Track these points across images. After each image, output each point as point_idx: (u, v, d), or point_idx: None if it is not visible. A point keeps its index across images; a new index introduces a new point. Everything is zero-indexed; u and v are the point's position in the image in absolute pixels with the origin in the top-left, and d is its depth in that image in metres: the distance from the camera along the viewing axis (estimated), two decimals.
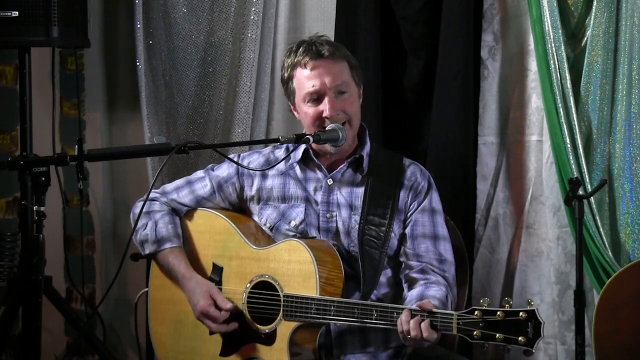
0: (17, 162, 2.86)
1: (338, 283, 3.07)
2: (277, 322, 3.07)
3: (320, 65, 3.19)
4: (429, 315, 2.84)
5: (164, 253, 3.29)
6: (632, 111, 3.57)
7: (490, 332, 2.74)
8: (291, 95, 3.26)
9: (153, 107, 4.42)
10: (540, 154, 3.76)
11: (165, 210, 3.34)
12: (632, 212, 3.57)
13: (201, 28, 4.37)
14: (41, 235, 2.84)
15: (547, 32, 3.62)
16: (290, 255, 3.10)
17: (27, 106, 4.25)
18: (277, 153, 3.34)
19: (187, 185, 3.38)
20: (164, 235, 3.29)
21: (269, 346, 3.09)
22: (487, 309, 2.75)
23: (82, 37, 4.26)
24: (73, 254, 4.69)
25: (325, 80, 3.18)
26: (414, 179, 3.25)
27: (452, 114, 3.84)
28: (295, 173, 3.28)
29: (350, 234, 3.19)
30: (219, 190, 3.34)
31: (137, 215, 3.23)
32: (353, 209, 3.21)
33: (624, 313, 3.40)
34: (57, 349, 4.71)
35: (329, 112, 3.16)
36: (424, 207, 3.23)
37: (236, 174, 3.34)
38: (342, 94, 3.20)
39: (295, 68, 3.22)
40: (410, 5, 3.91)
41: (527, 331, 2.71)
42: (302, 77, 3.20)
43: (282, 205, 3.26)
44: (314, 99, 3.18)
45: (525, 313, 2.71)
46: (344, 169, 3.25)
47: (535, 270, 3.79)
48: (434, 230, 3.22)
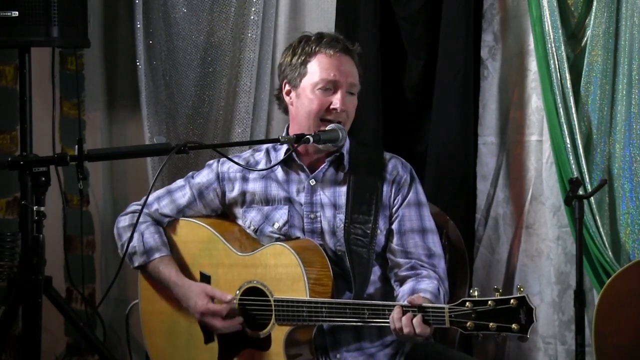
0: (17, 162, 2.86)
1: (327, 282, 3.06)
2: (271, 327, 3.06)
3: (345, 60, 3.19)
4: (420, 310, 2.84)
5: (153, 263, 3.26)
6: (632, 111, 3.57)
7: (483, 322, 2.74)
8: (298, 78, 3.21)
9: (153, 107, 4.41)
10: (540, 154, 3.77)
11: (149, 221, 3.32)
12: (632, 212, 3.58)
13: (201, 28, 4.37)
14: (41, 235, 2.84)
15: (547, 32, 3.62)
16: (276, 259, 3.08)
17: (27, 106, 4.25)
18: (257, 156, 3.32)
19: (167, 194, 3.36)
20: (152, 245, 3.27)
21: (266, 352, 3.07)
22: (478, 300, 2.75)
23: (82, 37, 4.25)
24: (73, 254, 4.69)
25: (346, 75, 3.17)
26: (395, 173, 3.23)
27: (452, 114, 3.84)
28: (276, 175, 3.26)
29: (336, 234, 3.17)
30: (199, 198, 3.32)
31: (121, 229, 3.28)
32: (337, 208, 3.19)
33: (624, 313, 3.40)
34: (57, 349, 4.71)
35: (339, 105, 3.14)
36: (409, 200, 3.21)
37: (216, 179, 3.32)
38: (351, 95, 3.20)
39: (316, 54, 3.18)
40: (410, 5, 3.91)
41: (519, 318, 2.71)
42: (324, 63, 3.17)
43: (266, 207, 3.24)
44: (326, 88, 3.16)
45: (516, 300, 2.71)
46: (325, 168, 3.23)
47: (535, 270, 3.79)
48: (422, 223, 3.20)
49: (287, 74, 3.25)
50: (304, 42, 3.24)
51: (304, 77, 3.19)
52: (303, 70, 3.20)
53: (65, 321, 4.59)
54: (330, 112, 3.16)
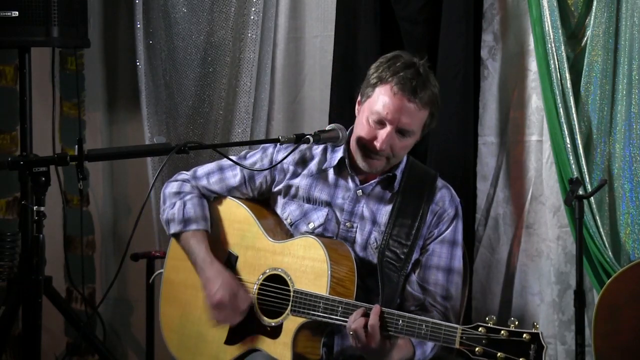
0: (17, 162, 2.85)
1: (349, 285, 3.05)
2: (285, 316, 3.07)
3: (404, 102, 3.07)
4: (433, 326, 2.83)
5: (187, 234, 3.26)
6: (632, 111, 3.57)
7: (492, 349, 2.73)
8: (364, 96, 3.14)
9: (153, 107, 4.42)
10: (540, 154, 3.77)
11: (196, 193, 3.32)
12: (632, 212, 3.58)
13: (201, 28, 4.37)
14: (41, 235, 2.84)
15: (547, 32, 3.63)
16: (305, 251, 3.09)
17: (27, 106, 4.26)
18: (315, 150, 3.29)
19: (218, 171, 3.34)
20: (191, 216, 3.27)
21: (274, 339, 3.09)
22: (492, 327, 2.74)
23: (82, 37, 4.26)
24: (73, 254, 4.69)
25: (399, 117, 3.07)
26: (441, 204, 3.19)
27: (452, 114, 3.84)
28: (327, 176, 3.24)
29: (366, 249, 3.16)
30: (249, 181, 3.31)
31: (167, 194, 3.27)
32: (375, 224, 3.18)
33: (624, 313, 3.40)
34: (57, 349, 4.71)
35: (379, 144, 3.08)
36: (445, 237, 3.17)
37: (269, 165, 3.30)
38: (403, 136, 3.11)
39: (386, 84, 3.09)
40: (410, 5, 3.92)
41: (528, 353, 2.68)
42: (384, 97, 3.08)
43: (307, 205, 3.24)
44: (377, 121, 3.09)
45: (530, 335, 2.69)
46: (374, 184, 3.20)
47: (535, 270, 3.79)
48: (450, 263, 3.16)
49: (363, 85, 3.19)
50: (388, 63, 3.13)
51: (369, 98, 3.13)
52: (371, 92, 3.13)
53: (65, 321, 4.60)
54: (373, 144, 3.11)
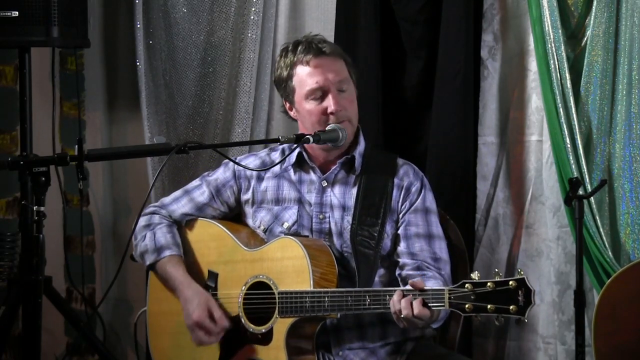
0: (17, 162, 2.86)
1: (332, 278, 3.06)
2: (273, 320, 3.07)
3: (322, 62, 3.19)
4: (421, 293, 2.85)
5: (162, 262, 3.27)
6: (632, 111, 3.57)
7: (482, 303, 2.75)
8: (290, 95, 3.24)
9: (153, 107, 4.42)
10: (540, 154, 3.77)
11: (165, 222, 3.33)
12: (632, 212, 3.58)
13: (201, 28, 4.37)
14: (41, 235, 2.84)
15: (547, 32, 3.62)
16: (283, 252, 3.10)
17: (27, 106, 4.26)
18: (273, 155, 3.34)
19: (185, 194, 3.37)
20: (162, 244, 3.28)
21: (267, 346, 3.08)
22: (478, 281, 2.76)
23: (82, 37, 4.26)
24: (73, 254, 4.69)
25: (329, 76, 3.18)
26: (406, 179, 3.25)
27: (452, 114, 3.84)
28: (289, 175, 3.28)
29: (342, 235, 3.19)
30: (217, 195, 3.34)
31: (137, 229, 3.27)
32: (345, 209, 3.21)
33: (624, 313, 3.40)
34: (57, 349, 4.71)
35: (334, 107, 3.16)
36: (417, 207, 3.22)
37: (233, 177, 3.34)
38: (343, 92, 3.20)
39: (295, 66, 3.21)
40: (410, 5, 3.91)
41: (517, 299, 2.72)
42: (304, 75, 3.20)
43: (276, 207, 3.26)
44: (317, 96, 3.18)
45: (515, 282, 2.72)
46: (336, 170, 3.24)
47: (535, 270, 3.79)
48: (428, 229, 3.21)
49: (281, 92, 3.29)
50: (283, 56, 3.26)
51: (294, 93, 3.23)
52: (291, 87, 3.23)
53: (65, 321, 4.59)
54: (329, 116, 3.17)
